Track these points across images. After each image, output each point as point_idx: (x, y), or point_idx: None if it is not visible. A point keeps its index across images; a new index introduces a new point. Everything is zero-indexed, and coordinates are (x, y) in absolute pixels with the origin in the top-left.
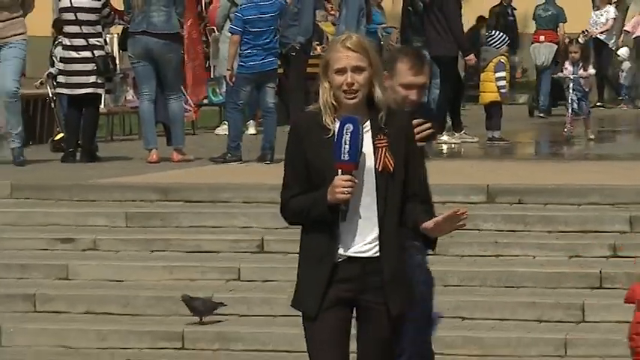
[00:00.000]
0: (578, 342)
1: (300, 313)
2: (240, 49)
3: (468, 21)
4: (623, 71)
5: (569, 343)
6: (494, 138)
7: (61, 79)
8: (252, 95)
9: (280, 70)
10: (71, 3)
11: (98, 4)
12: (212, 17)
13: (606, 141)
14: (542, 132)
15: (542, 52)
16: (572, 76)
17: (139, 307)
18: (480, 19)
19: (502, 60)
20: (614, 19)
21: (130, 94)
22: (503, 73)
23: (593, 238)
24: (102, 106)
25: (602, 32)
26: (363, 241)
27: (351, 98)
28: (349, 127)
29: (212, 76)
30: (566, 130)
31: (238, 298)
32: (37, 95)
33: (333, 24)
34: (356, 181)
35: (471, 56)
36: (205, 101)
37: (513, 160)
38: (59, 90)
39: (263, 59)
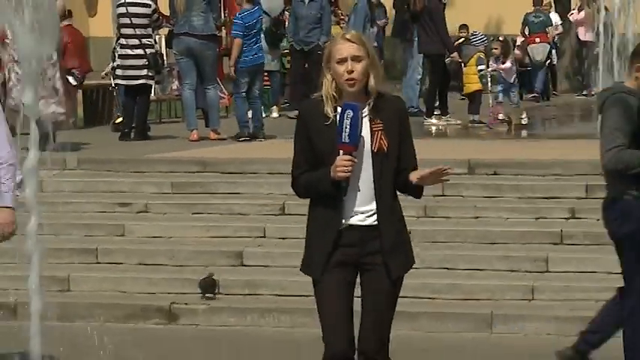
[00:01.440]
0: (543, 288)
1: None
2: None
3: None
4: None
5: (536, 289)
6: (474, 121)
7: (118, 72)
8: (274, 85)
9: (289, 66)
10: (127, 10)
11: (149, 11)
12: None
13: (564, 123)
14: (514, 116)
15: (539, 51)
16: (489, 70)
17: (182, 259)
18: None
19: (481, 55)
20: (562, 24)
21: (175, 85)
22: (483, 66)
23: (556, 203)
24: (152, 94)
25: (558, 34)
26: (362, 212)
27: (352, 86)
28: (349, 113)
29: None
30: (490, 118)
31: (264, 252)
32: (99, 85)
33: (341, 28)
34: (355, 160)
35: (455, 54)
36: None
37: (490, 139)
38: (117, 81)
39: (254, 54)
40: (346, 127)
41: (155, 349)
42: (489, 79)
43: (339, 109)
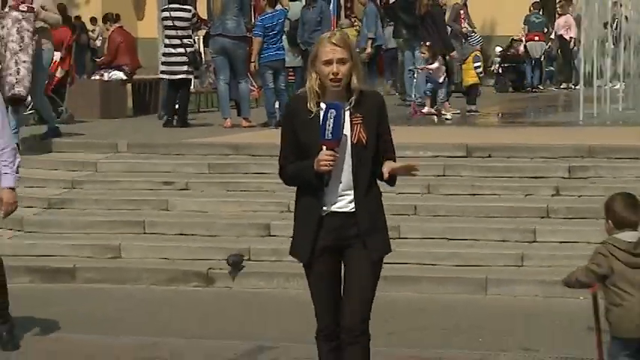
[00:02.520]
0: (531, 256)
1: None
2: None
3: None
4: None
5: (525, 257)
6: (472, 110)
7: (162, 67)
8: (298, 79)
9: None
10: (170, 14)
11: (189, 15)
12: None
13: (550, 112)
14: (505, 106)
15: (538, 48)
16: (419, 69)
17: (218, 230)
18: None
19: (477, 54)
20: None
21: (211, 79)
22: (479, 63)
23: (542, 182)
24: (192, 87)
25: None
26: (342, 199)
27: (336, 86)
28: (332, 112)
29: None
30: (411, 113)
31: (289, 224)
32: (146, 79)
33: (357, 31)
34: (337, 155)
35: (454, 52)
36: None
37: (485, 126)
38: (162, 76)
39: (275, 51)
40: (329, 125)
41: (194, 309)
42: (481, 75)
43: (322, 105)
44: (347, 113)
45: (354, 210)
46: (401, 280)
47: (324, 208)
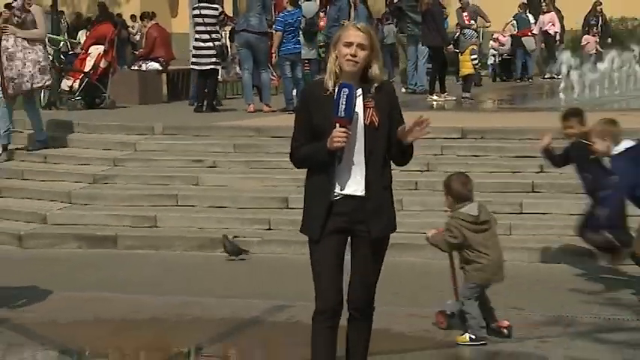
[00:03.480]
0: (518, 226)
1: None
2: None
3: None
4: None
5: (513, 227)
6: (467, 97)
7: (193, 59)
8: (313, 69)
9: (324, 55)
10: (200, 12)
11: (217, 13)
12: None
13: (536, 99)
14: (495, 94)
15: (532, 42)
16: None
17: (242, 203)
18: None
19: (474, 47)
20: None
21: (236, 69)
22: (475, 56)
23: (529, 160)
24: (219, 77)
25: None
26: (354, 182)
27: (351, 65)
28: (345, 90)
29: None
30: None
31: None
32: (179, 70)
33: None
34: (350, 133)
35: (450, 47)
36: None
37: (478, 111)
38: (192, 67)
39: (293, 45)
40: (342, 104)
41: (221, 272)
42: (477, 67)
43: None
44: (360, 97)
45: (363, 193)
46: (404, 247)
47: (335, 191)
